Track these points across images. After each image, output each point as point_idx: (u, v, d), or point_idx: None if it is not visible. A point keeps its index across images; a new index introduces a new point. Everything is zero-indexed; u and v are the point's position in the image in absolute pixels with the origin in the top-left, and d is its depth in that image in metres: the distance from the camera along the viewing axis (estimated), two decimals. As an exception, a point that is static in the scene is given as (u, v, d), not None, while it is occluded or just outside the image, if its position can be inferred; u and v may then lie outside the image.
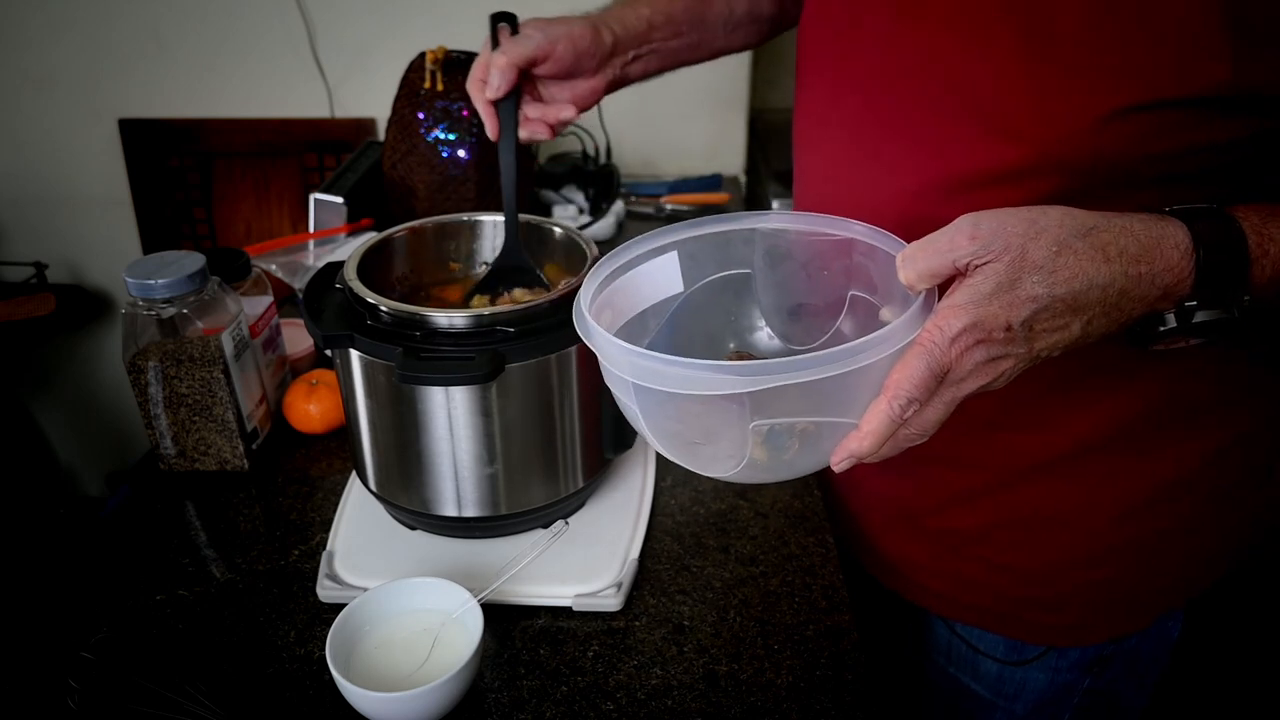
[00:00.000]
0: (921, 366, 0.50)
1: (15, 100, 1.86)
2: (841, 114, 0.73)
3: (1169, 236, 0.52)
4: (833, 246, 0.63)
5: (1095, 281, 0.50)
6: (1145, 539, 0.76)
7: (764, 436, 0.55)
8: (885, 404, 0.50)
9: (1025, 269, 0.50)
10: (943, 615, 0.87)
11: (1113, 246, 0.51)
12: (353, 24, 1.76)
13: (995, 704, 0.87)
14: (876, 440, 0.51)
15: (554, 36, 0.79)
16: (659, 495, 0.88)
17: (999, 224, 0.50)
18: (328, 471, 0.93)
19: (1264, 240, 0.53)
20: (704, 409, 0.54)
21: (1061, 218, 0.51)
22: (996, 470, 0.77)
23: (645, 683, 0.69)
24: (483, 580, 0.72)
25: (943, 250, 0.51)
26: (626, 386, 0.54)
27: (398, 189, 1.29)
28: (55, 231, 1.97)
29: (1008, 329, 0.50)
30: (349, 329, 0.71)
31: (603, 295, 0.62)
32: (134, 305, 0.84)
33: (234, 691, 0.68)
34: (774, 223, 0.65)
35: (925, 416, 0.53)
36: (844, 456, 0.52)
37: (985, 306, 0.49)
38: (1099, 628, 0.80)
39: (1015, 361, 0.52)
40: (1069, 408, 0.72)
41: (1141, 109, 0.56)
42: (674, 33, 0.89)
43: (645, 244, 0.65)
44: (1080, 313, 0.51)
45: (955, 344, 0.50)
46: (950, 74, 0.62)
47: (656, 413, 0.55)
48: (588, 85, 0.85)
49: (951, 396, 0.52)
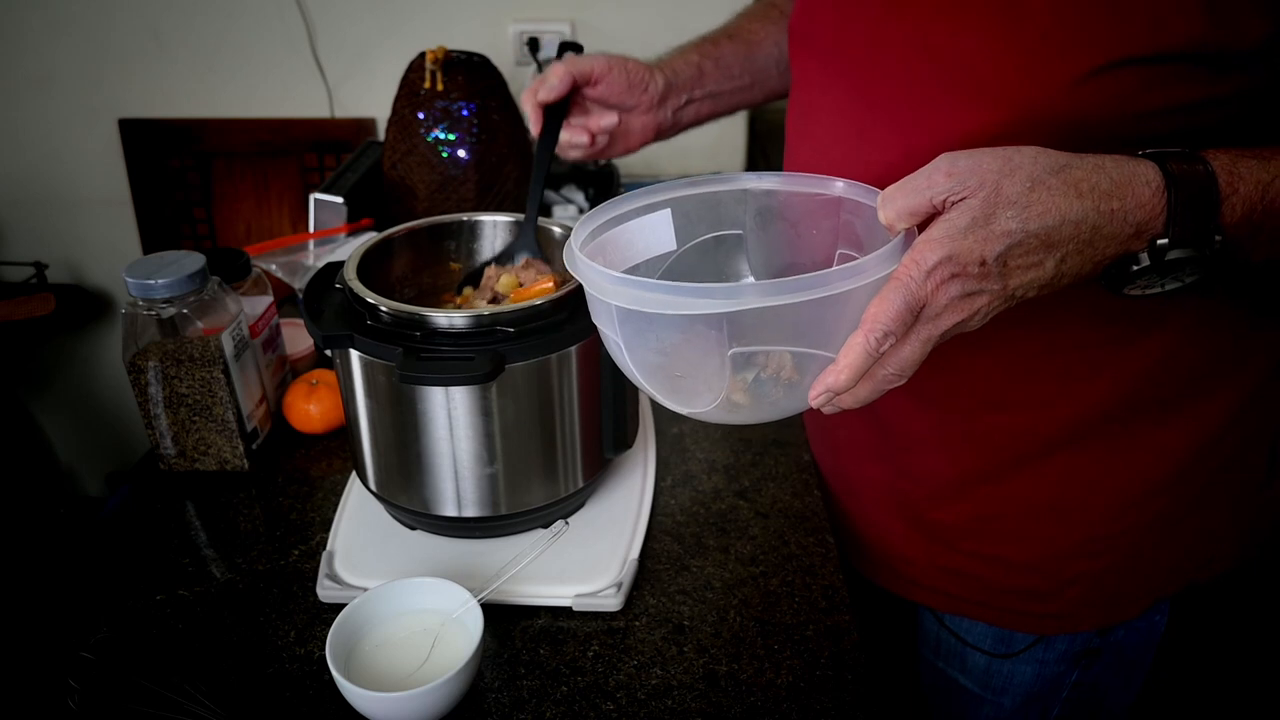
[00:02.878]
0: (898, 299, 0.51)
1: (15, 100, 1.86)
2: (830, 97, 0.74)
3: (1140, 174, 0.53)
4: (821, 206, 0.64)
5: (1068, 217, 0.51)
6: (1136, 529, 0.77)
7: (749, 384, 0.56)
8: (862, 337, 0.51)
9: (1000, 204, 0.51)
10: (932, 607, 0.88)
11: (1085, 183, 0.52)
12: (353, 24, 1.76)
13: (984, 698, 0.87)
14: (853, 373, 0.52)
15: (611, 63, 0.84)
16: (659, 495, 0.88)
17: (975, 162, 0.52)
18: (328, 471, 0.93)
19: (1233, 179, 0.53)
20: (684, 338, 0.55)
21: (1036, 155, 0.52)
22: (986, 457, 0.77)
23: (645, 683, 0.69)
24: (483, 580, 0.72)
25: (920, 188, 0.52)
26: (610, 315, 0.56)
27: (398, 189, 1.29)
28: (55, 231, 1.97)
29: (982, 264, 0.51)
30: (349, 329, 0.71)
31: (595, 243, 0.63)
32: (134, 305, 0.84)
33: (234, 691, 0.68)
34: (760, 183, 0.66)
35: (902, 354, 0.54)
36: (821, 391, 0.53)
37: (961, 241, 0.50)
38: (1087, 617, 0.81)
39: (991, 299, 0.53)
40: (1056, 388, 0.72)
41: (1118, 66, 0.57)
42: (726, 76, 0.92)
43: (639, 199, 0.66)
44: (1054, 249, 0.52)
45: (931, 277, 0.51)
46: (935, 48, 0.64)
47: (638, 344, 0.56)
48: (639, 123, 0.88)
49: (928, 334, 0.53)
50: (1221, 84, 0.58)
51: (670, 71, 0.88)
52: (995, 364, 0.73)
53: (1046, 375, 0.72)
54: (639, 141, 0.90)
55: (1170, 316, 0.69)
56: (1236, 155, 0.54)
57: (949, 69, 0.64)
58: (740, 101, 0.95)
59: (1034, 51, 0.59)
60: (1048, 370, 0.72)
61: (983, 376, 0.74)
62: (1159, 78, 0.57)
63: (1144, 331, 0.69)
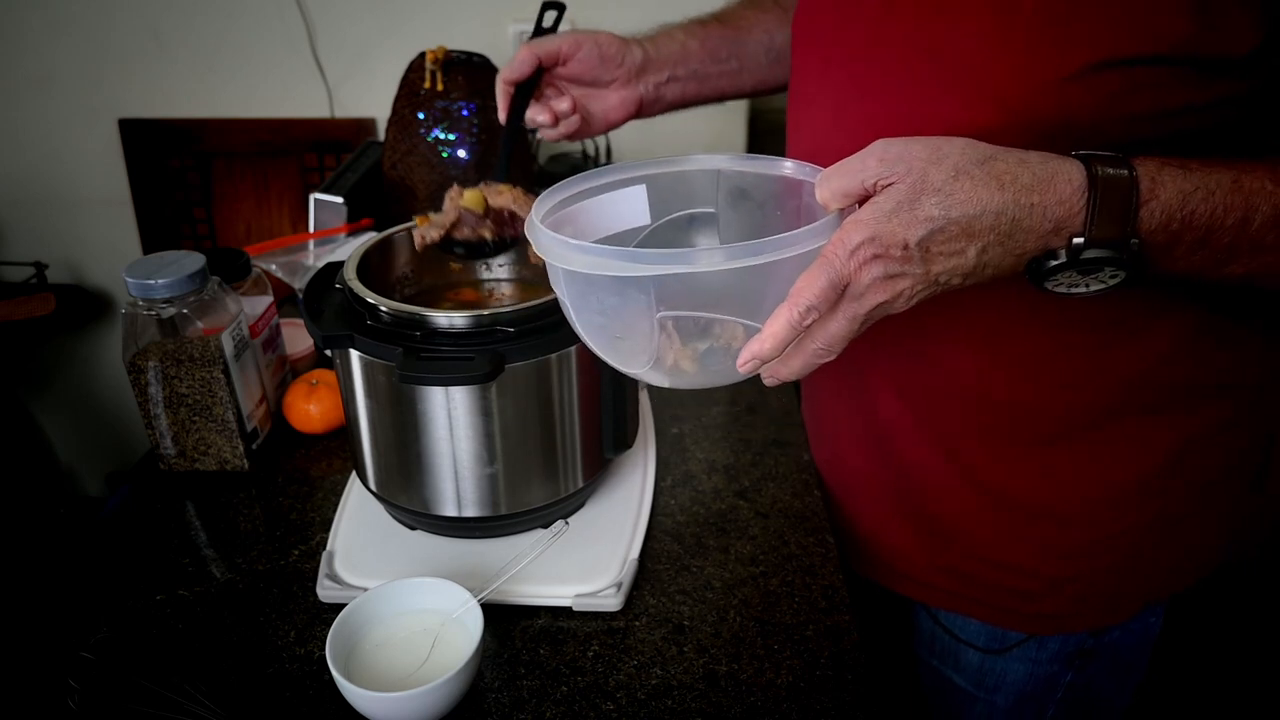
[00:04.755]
0: (822, 277, 0.52)
1: (15, 100, 1.86)
2: (828, 91, 0.75)
3: (1063, 172, 0.54)
4: (786, 188, 0.65)
5: (988, 207, 0.52)
6: (1129, 530, 0.77)
7: (700, 354, 0.59)
8: (786, 310, 0.53)
9: (924, 191, 0.52)
10: (926, 603, 0.88)
11: (1008, 175, 0.53)
12: (353, 24, 1.76)
13: (977, 696, 0.88)
14: (776, 343, 0.53)
15: (580, 39, 0.83)
16: (659, 495, 0.88)
17: (905, 149, 0.53)
18: (328, 471, 0.93)
19: (1155, 185, 0.54)
20: (619, 300, 0.57)
21: (964, 147, 0.54)
22: (980, 456, 0.77)
23: (645, 683, 0.69)
24: (483, 580, 0.72)
25: (854, 171, 0.54)
26: (558, 277, 0.59)
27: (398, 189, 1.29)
28: (55, 231, 1.97)
29: (905, 247, 0.52)
30: (349, 329, 0.71)
31: (565, 211, 0.64)
32: (134, 305, 0.84)
33: (234, 691, 0.68)
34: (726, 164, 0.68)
35: (829, 330, 0.55)
36: (749, 358, 0.55)
37: (885, 223, 0.52)
38: (1080, 618, 0.81)
39: (914, 282, 0.54)
40: (1049, 389, 0.73)
41: (1106, 66, 0.57)
42: (712, 58, 0.92)
43: (613, 174, 0.67)
44: (974, 238, 0.53)
45: (854, 256, 0.52)
46: (932, 47, 0.65)
47: (582, 305, 0.59)
48: (618, 96, 0.87)
49: (853, 312, 0.54)
50: (1211, 90, 0.58)
51: (651, 46, 0.87)
52: (989, 364, 0.73)
53: (1040, 376, 0.72)
54: (620, 116, 0.90)
55: (1165, 322, 0.69)
56: (1162, 163, 0.55)
57: (945, 67, 0.64)
58: (727, 86, 0.94)
59: (1024, 50, 0.60)
60: (1041, 371, 0.72)
61: (975, 376, 0.74)
62: (1148, 80, 0.58)
63: (1138, 335, 0.70)
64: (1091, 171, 0.53)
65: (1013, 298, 0.67)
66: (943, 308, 0.62)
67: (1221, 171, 0.55)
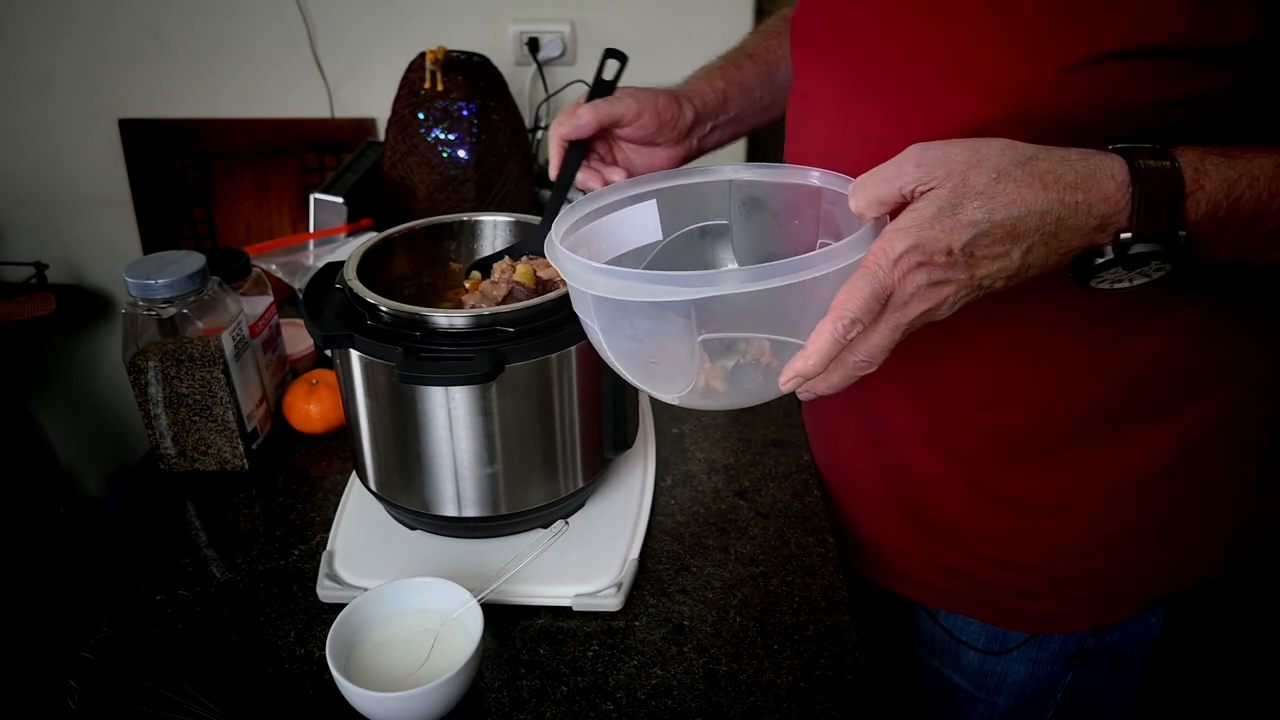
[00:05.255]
0: (865, 287, 0.51)
1: (15, 100, 1.86)
2: (828, 90, 0.75)
3: (1105, 168, 0.53)
4: (803, 195, 0.65)
5: (1033, 208, 0.52)
6: (1128, 529, 0.77)
7: (728, 371, 0.58)
8: (830, 323, 0.52)
9: (966, 195, 0.51)
10: (926, 604, 0.88)
11: (1050, 175, 0.52)
12: (353, 24, 1.76)
13: (977, 697, 0.88)
14: (821, 359, 0.52)
15: (643, 103, 0.82)
16: (659, 495, 0.88)
17: (943, 152, 0.53)
18: (328, 471, 0.93)
19: (1199, 176, 0.54)
20: (655, 325, 0.56)
21: (1003, 147, 0.53)
22: (980, 455, 0.77)
23: (645, 683, 0.69)
24: (483, 580, 0.72)
25: (890, 178, 0.53)
26: (587, 303, 0.57)
27: (398, 189, 1.29)
28: (55, 231, 1.97)
29: (949, 253, 0.52)
30: (349, 329, 0.71)
31: (579, 233, 0.64)
32: (134, 305, 0.84)
33: (234, 691, 0.68)
34: (742, 174, 0.67)
35: (872, 341, 0.54)
36: (791, 375, 0.54)
37: (927, 230, 0.51)
38: (1080, 617, 0.81)
39: (958, 288, 0.53)
40: (1050, 388, 0.73)
41: (1104, 59, 0.57)
42: (748, 99, 0.92)
43: (624, 190, 0.66)
44: (1019, 239, 0.53)
45: (898, 266, 0.51)
46: (931, 43, 0.65)
47: (613, 330, 0.58)
48: (665, 155, 0.87)
49: (896, 322, 0.54)
50: (1209, 80, 0.58)
51: (699, 101, 0.87)
52: (989, 362, 0.73)
53: (1039, 375, 0.72)
54: (665, 168, 0.89)
55: (1165, 319, 0.69)
56: (1204, 152, 0.55)
57: (944, 63, 0.64)
58: (761, 121, 0.95)
59: (1022, 44, 0.60)
60: (1041, 370, 0.72)
61: (976, 375, 0.74)
62: (1146, 72, 0.58)
63: (1139, 333, 0.69)
64: (1134, 165, 0.53)
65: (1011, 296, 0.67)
66: None
67: (1264, 157, 0.55)
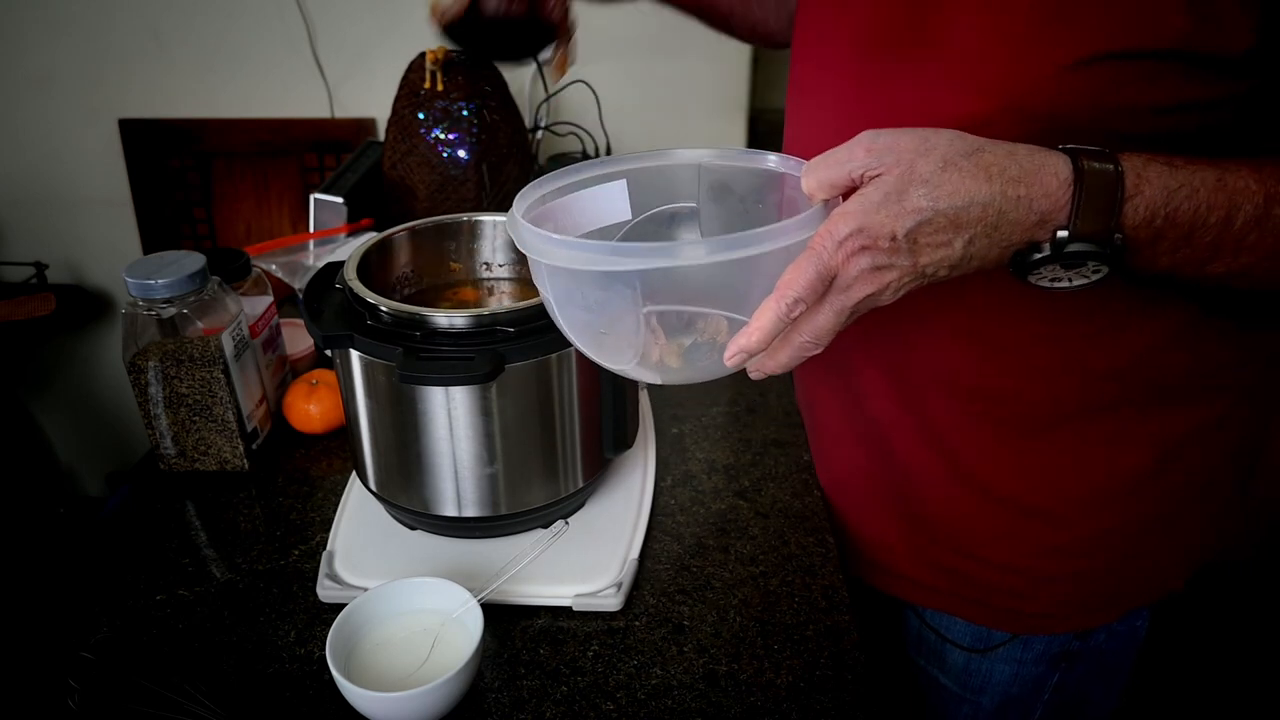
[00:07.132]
0: (810, 268, 0.52)
1: (15, 100, 1.86)
2: (827, 83, 0.75)
3: (1050, 165, 0.54)
4: (768, 180, 0.65)
5: (976, 199, 0.52)
6: (1117, 530, 0.77)
7: (684, 349, 0.59)
8: (774, 301, 0.53)
9: (913, 182, 0.52)
10: (913, 601, 0.88)
11: (995, 167, 0.53)
12: (353, 24, 1.76)
13: (963, 697, 0.88)
14: (764, 336, 0.54)
15: None
16: (659, 495, 0.88)
17: (893, 139, 0.53)
18: (328, 471, 0.93)
19: (1140, 182, 0.54)
20: (604, 295, 0.57)
21: (952, 138, 0.54)
22: (966, 449, 0.77)
23: (645, 683, 0.69)
24: (483, 580, 0.72)
25: (841, 161, 0.54)
26: (541, 272, 0.58)
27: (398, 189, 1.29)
28: (55, 231, 1.97)
29: (893, 239, 0.52)
30: (349, 329, 0.71)
31: (545, 207, 0.64)
32: (134, 305, 0.84)
33: (234, 691, 0.68)
34: (707, 159, 0.67)
35: (817, 322, 0.55)
36: (735, 351, 0.55)
37: (873, 215, 0.52)
38: (1066, 618, 0.81)
39: (900, 274, 0.54)
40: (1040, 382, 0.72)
41: (1101, 59, 0.57)
42: None
43: (592, 169, 0.67)
44: (961, 229, 0.53)
45: (842, 248, 0.52)
46: (931, 36, 0.65)
47: (565, 300, 0.59)
48: None
49: (841, 304, 0.54)
50: (1206, 89, 0.58)
51: None
52: (975, 352, 0.73)
53: (1026, 366, 0.72)
54: None
55: (1152, 316, 0.69)
56: (1148, 159, 0.55)
57: (943, 57, 0.64)
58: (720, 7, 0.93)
59: (1020, 41, 0.60)
60: (1027, 361, 0.72)
61: (961, 365, 0.74)
62: (1143, 74, 0.58)
63: (1124, 329, 0.69)
64: (1078, 165, 0.54)
65: (998, 287, 0.67)
66: (930, 296, 0.62)
67: (1206, 170, 0.55)
